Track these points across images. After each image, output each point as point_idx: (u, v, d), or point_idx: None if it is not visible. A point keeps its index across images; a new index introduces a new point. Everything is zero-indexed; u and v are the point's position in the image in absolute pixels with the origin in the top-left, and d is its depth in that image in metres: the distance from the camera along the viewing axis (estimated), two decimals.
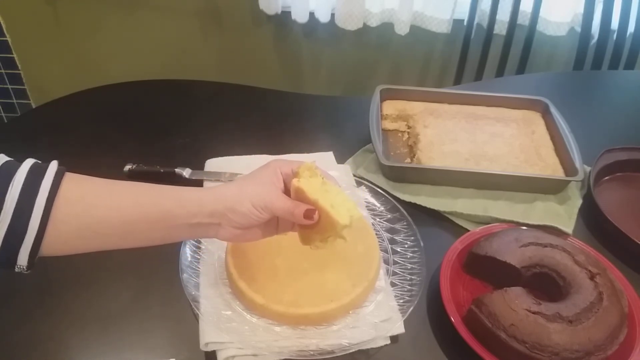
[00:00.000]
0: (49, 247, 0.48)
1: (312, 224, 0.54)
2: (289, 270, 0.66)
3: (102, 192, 0.51)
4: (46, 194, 0.46)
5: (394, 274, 0.70)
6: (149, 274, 0.71)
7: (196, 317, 0.63)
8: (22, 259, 0.47)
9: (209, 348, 0.61)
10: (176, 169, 0.85)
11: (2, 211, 0.45)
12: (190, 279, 0.67)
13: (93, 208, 0.49)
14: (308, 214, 0.53)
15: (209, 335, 0.61)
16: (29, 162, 0.48)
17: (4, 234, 0.45)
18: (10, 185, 0.45)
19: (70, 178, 0.49)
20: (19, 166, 0.48)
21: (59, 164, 0.51)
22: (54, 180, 0.47)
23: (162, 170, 0.85)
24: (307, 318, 0.62)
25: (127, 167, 0.86)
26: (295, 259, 0.67)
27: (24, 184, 0.46)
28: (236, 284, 0.64)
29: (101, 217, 0.50)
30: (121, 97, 1.07)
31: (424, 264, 0.69)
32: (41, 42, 1.83)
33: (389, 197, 0.81)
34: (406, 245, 0.74)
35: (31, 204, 0.46)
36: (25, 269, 0.48)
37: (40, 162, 0.50)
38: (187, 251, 0.70)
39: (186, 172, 0.85)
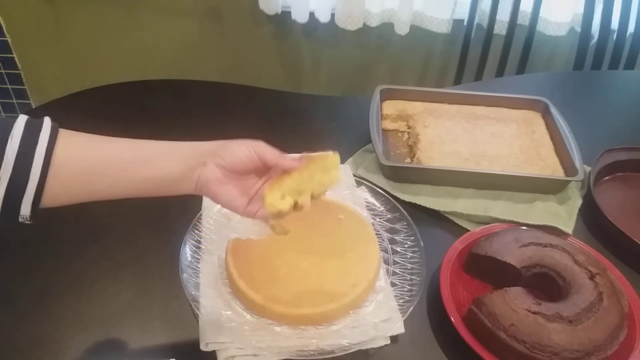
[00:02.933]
0: (50, 194, 0.49)
1: (294, 167, 0.56)
2: (289, 270, 0.66)
3: (98, 138, 0.54)
4: (46, 142, 0.48)
5: (394, 274, 0.70)
6: (149, 274, 0.71)
7: (196, 317, 0.63)
8: (25, 208, 0.49)
9: (209, 348, 0.61)
10: None
11: (3, 163, 0.46)
12: (190, 279, 0.67)
13: (91, 150, 0.52)
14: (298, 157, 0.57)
15: (209, 335, 0.61)
16: (23, 117, 0.50)
17: (6, 184, 0.47)
18: (10, 137, 0.47)
19: (64, 131, 0.52)
20: (14, 120, 0.49)
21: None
22: (51, 131, 0.50)
23: None
24: (307, 318, 0.62)
25: None
26: (295, 259, 0.67)
27: (22, 135, 0.48)
28: (236, 283, 0.64)
29: (99, 157, 0.52)
30: (121, 97, 1.07)
31: (424, 264, 0.69)
32: (41, 42, 1.83)
33: (389, 197, 0.81)
34: (406, 245, 0.74)
35: (32, 153, 0.48)
36: (29, 219, 0.50)
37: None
38: (187, 251, 0.70)
39: None
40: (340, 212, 0.75)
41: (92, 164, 0.52)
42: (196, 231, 0.73)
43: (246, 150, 0.55)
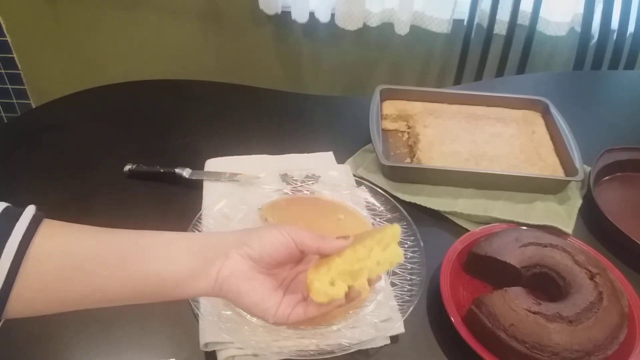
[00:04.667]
0: (23, 298, 0.41)
1: (343, 246, 0.45)
2: None
3: (89, 228, 0.45)
4: (22, 232, 0.40)
5: (394, 273, 0.70)
6: None
7: (196, 317, 0.63)
8: None
9: (209, 348, 0.61)
10: (176, 169, 0.85)
11: None
12: None
13: (80, 240, 0.42)
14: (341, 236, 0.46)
15: (209, 335, 0.61)
16: (2, 205, 0.42)
17: None
18: None
19: (49, 221, 0.43)
20: None
21: (58, 164, 0.48)
22: (32, 220, 0.41)
23: (162, 170, 0.85)
24: None
25: (127, 167, 0.86)
26: None
27: None
28: None
29: (90, 249, 0.42)
30: (121, 97, 1.07)
31: (424, 264, 0.69)
32: (41, 42, 1.83)
33: (389, 197, 0.81)
34: (406, 245, 0.74)
35: (1, 244, 0.39)
36: None
37: (13, 207, 0.43)
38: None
39: (186, 172, 0.85)
40: (340, 212, 0.75)
41: (82, 257, 0.42)
42: (196, 231, 0.73)
43: (280, 235, 0.45)
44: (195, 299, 0.64)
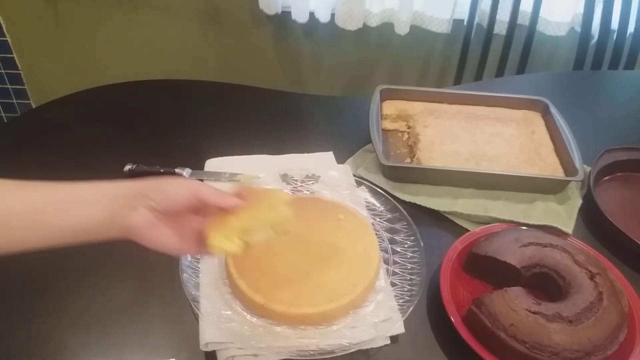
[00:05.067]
0: None
1: (239, 205, 0.52)
2: (288, 270, 0.66)
3: (8, 185, 0.49)
4: None
5: (394, 273, 0.70)
6: (149, 274, 0.71)
7: (196, 317, 0.63)
8: None
9: (209, 348, 0.61)
10: (176, 169, 0.85)
11: None
12: (190, 278, 0.67)
13: None
14: (238, 193, 0.53)
15: (209, 336, 0.61)
16: None
17: None
18: None
19: None
20: None
21: (59, 164, 0.50)
22: None
23: (162, 170, 0.85)
24: (307, 318, 0.62)
25: (127, 167, 0.86)
26: (295, 259, 0.67)
27: None
28: (236, 283, 0.64)
29: (7, 209, 0.47)
30: (121, 97, 1.07)
31: (424, 264, 0.70)
32: (41, 42, 1.83)
33: (389, 197, 0.81)
34: (406, 245, 0.74)
35: None
36: None
37: None
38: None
39: (186, 172, 0.85)
40: (340, 212, 0.75)
41: (3, 213, 0.47)
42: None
43: (181, 190, 0.50)
44: (195, 299, 0.64)
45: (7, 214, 0.47)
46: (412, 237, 0.74)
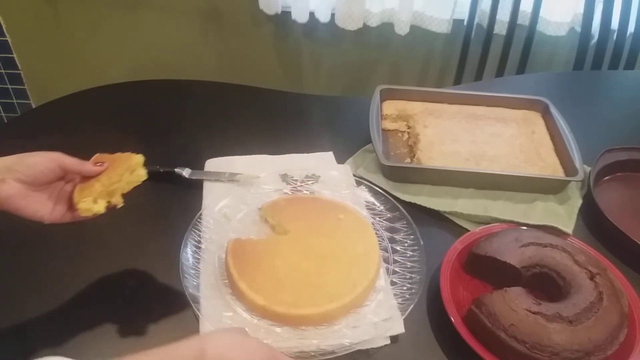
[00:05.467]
0: None
1: (99, 171, 0.59)
2: (289, 270, 0.66)
3: None
4: None
5: (394, 273, 0.70)
6: (149, 274, 0.71)
7: (196, 318, 0.63)
8: None
9: None
10: (176, 169, 0.85)
11: None
12: (190, 279, 0.67)
13: None
14: (97, 160, 0.60)
15: None
16: None
17: None
18: None
19: None
20: None
21: None
22: None
23: (161, 170, 0.85)
24: (307, 318, 0.62)
25: None
26: (296, 259, 0.67)
27: None
28: (236, 284, 0.64)
29: None
30: (121, 97, 1.07)
31: (424, 262, 0.70)
32: (41, 42, 1.83)
33: (389, 197, 0.81)
34: (406, 245, 0.74)
35: None
36: None
37: None
38: (188, 251, 0.70)
39: (186, 172, 0.85)
40: (340, 212, 0.75)
41: None
42: (196, 231, 0.73)
43: (45, 162, 0.55)
44: (195, 300, 0.64)
45: None
46: (412, 237, 0.74)
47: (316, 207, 0.77)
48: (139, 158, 0.61)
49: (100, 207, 0.58)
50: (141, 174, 0.61)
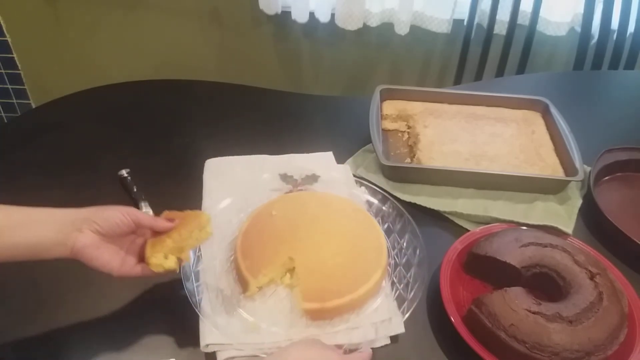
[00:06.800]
0: None
1: (170, 228, 0.60)
2: (297, 266, 0.66)
3: None
4: None
5: (394, 273, 0.70)
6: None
7: (196, 318, 0.63)
8: None
9: (209, 349, 0.61)
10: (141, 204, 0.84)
11: None
12: (190, 279, 0.67)
13: None
14: (167, 217, 0.62)
15: (209, 337, 0.61)
16: None
17: None
18: None
19: None
20: None
21: (58, 164, 0.52)
22: None
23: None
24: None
25: (123, 172, 0.86)
26: (304, 254, 0.67)
27: None
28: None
29: None
30: (121, 97, 1.07)
31: (424, 263, 0.69)
32: (41, 42, 1.83)
33: (389, 197, 0.81)
34: (406, 245, 0.74)
35: None
36: None
37: None
38: (188, 251, 0.70)
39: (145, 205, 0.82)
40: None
41: None
42: None
43: (120, 215, 0.58)
44: (195, 300, 0.64)
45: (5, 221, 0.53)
46: (412, 237, 0.74)
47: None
48: (208, 216, 0.63)
49: (171, 263, 0.59)
50: (209, 232, 0.62)
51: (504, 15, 1.50)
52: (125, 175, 0.84)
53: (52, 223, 0.56)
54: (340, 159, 0.91)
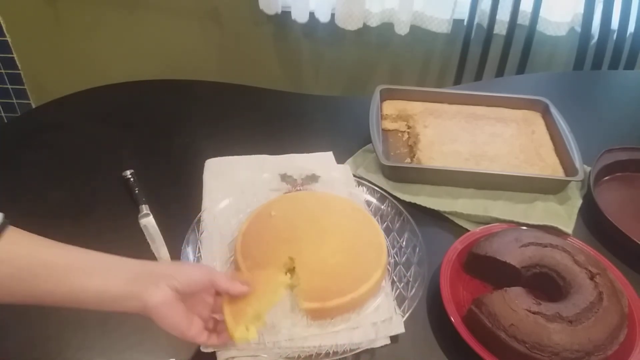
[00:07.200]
0: None
1: (247, 292, 0.57)
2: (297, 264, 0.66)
3: (48, 241, 0.51)
4: None
5: (394, 273, 0.70)
6: None
7: None
8: None
9: (209, 349, 0.61)
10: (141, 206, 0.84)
11: None
12: None
13: (38, 250, 0.50)
14: (241, 278, 0.59)
15: None
16: None
17: None
18: None
19: (14, 228, 0.49)
20: None
21: (58, 164, 0.51)
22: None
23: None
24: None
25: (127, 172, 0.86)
26: (304, 253, 0.67)
27: None
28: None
29: (45, 259, 0.50)
30: (121, 97, 1.07)
31: (424, 263, 0.69)
32: (41, 42, 1.83)
33: (389, 197, 0.81)
34: (406, 245, 0.74)
35: None
36: None
37: None
38: (189, 252, 0.70)
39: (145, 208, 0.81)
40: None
41: (37, 263, 0.49)
42: (197, 231, 0.73)
43: (200, 274, 0.56)
44: None
45: (41, 263, 0.49)
46: (412, 237, 0.74)
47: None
48: (283, 278, 0.62)
49: (253, 334, 0.56)
50: (283, 293, 0.60)
51: (504, 15, 1.50)
52: (129, 176, 0.84)
53: (127, 273, 0.52)
54: (340, 159, 0.91)
